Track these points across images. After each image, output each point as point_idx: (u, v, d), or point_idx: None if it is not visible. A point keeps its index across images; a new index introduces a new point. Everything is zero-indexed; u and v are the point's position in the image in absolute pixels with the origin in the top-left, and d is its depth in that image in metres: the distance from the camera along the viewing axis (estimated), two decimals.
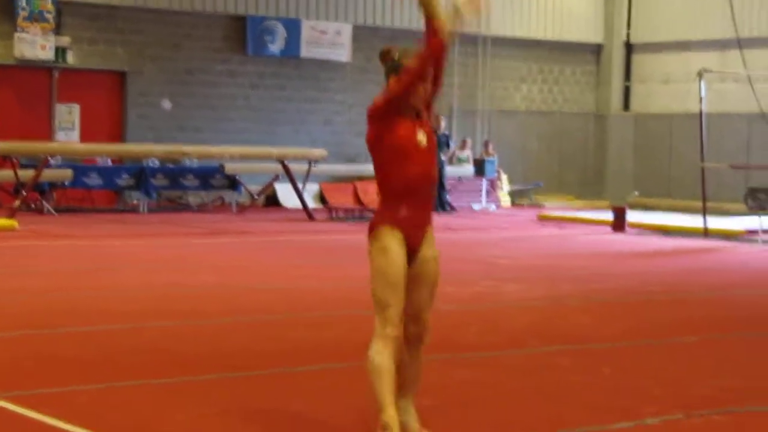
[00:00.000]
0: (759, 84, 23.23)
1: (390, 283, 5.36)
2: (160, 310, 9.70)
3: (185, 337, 8.57)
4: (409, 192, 5.40)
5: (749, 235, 18.50)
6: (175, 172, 21.61)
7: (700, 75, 19.52)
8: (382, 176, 5.42)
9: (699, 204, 19.66)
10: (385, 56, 5.48)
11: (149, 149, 21.13)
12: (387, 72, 5.45)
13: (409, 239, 5.46)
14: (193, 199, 22.75)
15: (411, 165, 5.36)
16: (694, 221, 19.75)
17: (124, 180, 20.98)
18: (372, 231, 5.43)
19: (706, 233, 18.64)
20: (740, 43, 22.62)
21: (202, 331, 8.87)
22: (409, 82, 5.33)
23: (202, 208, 22.24)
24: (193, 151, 21.12)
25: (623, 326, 9.64)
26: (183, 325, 9.06)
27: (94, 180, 20.68)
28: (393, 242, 5.39)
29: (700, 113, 19.40)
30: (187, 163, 21.96)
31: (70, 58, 22.09)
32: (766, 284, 13.03)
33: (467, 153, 25.16)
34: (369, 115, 5.39)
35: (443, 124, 23.50)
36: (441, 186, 23.28)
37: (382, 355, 5.34)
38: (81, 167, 20.69)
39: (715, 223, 19.27)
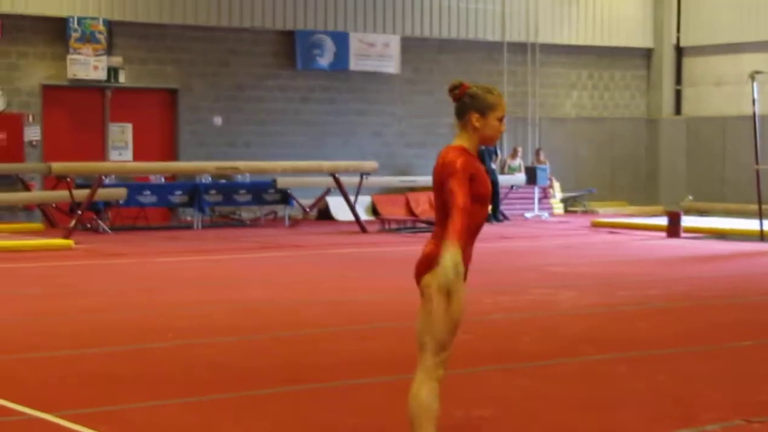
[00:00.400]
0: None
1: (456, 326, 5.27)
2: (213, 326, 9.74)
3: (238, 352, 8.60)
4: (474, 232, 5.33)
5: None
6: (227, 188, 21.72)
7: (752, 77, 19.34)
8: (454, 209, 5.13)
9: (754, 207, 19.46)
10: (455, 90, 5.26)
11: (201, 166, 21.26)
12: (467, 108, 5.22)
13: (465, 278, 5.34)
14: (246, 214, 22.86)
15: (482, 211, 5.30)
16: (749, 224, 19.55)
17: (177, 197, 21.13)
18: (438, 265, 5.14)
19: (762, 236, 18.45)
20: None
21: (255, 346, 8.89)
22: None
23: (254, 223, 22.33)
24: (245, 167, 21.21)
25: (679, 332, 9.55)
26: (235, 341, 9.08)
27: (147, 198, 20.85)
28: (462, 283, 5.24)
29: (753, 115, 19.22)
30: (239, 178, 22.07)
31: (122, 78, 22.31)
32: None
33: (518, 161, 25.09)
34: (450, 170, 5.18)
35: None
36: (495, 195, 23.21)
37: (434, 396, 5.25)
38: (135, 185, 20.87)
39: None
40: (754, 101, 19.27)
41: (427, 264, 5.28)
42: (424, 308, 5.28)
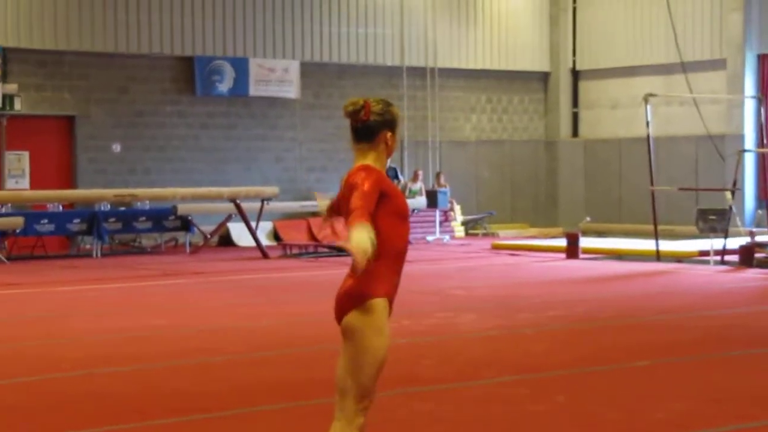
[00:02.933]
0: (704, 106, 23.52)
1: (381, 369, 4.84)
2: (111, 356, 9.61)
3: (135, 381, 8.49)
4: (401, 256, 4.93)
5: (701, 256, 18.64)
6: (127, 215, 21.50)
7: (645, 99, 19.71)
8: (380, 241, 4.70)
9: (650, 227, 19.80)
10: (361, 112, 4.89)
11: (100, 193, 21.02)
12: (377, 128, 4.88)
13: (390, 310, 4.92)
14: (146, 241, 22.63)
15: (404, 228, 4.93)
16: (646, 245, 19.89)
17: (75, 225, 20.83)
18: (365, 302, 4.84)
19: (658, 256, 18.77)
20: (684, 67, 22.92)
21: (153, 374, 8.80)
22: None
23: (155, 250, 22.12)
24: (144, 194, 21.03)
25: (578, 353, 9.66)
26: (133, 370, 8.97)
27: (45, 226, 20.52)
28: (387, 319, 4.87)
29: (648, 137, 19.58)
30: (139, 205, 21.86)
31: (18, 105, 21.96)
32: (718, 306, 13.12)
33: (419, 185, 25.22)
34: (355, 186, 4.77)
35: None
36: None
37: None
38: (32, 214, 20.53)
39: (667, 245, 19.42)
40: (647, 123, 19.63)
41: (349, 300, 4.86)
42: (346, 351, 4.87)
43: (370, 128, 4.91)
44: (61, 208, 21.32)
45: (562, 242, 20.26)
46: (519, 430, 6.81)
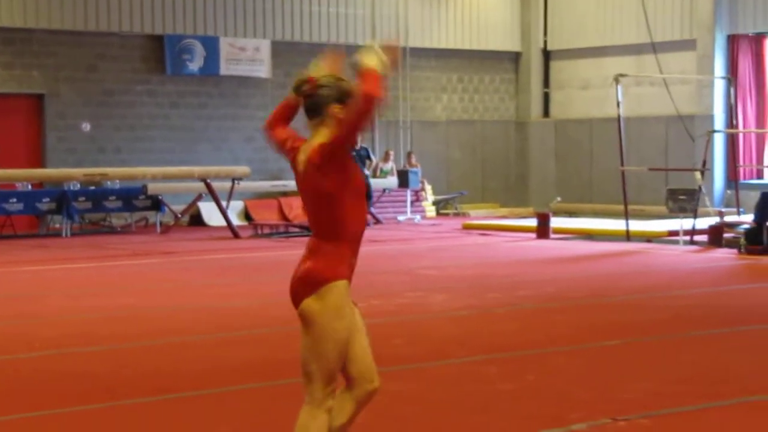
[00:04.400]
0: (674, 87, 23.61)
1: (343, 351, 4.78)
2: (82, 335, 9.59)
3: (107, 361, 8.48)
4: (359, 237, 4.86)
5: (670, 236, 18.74)
6: (97, 194, 21.39)
7: (616, 80, 19.76)
8: (338, 221, 4.76)
9: (620, 207, 19.89)
10: (305, 86, 4.92)
11: (69, 173, 20.91)
12: (324, 102, 4.84)
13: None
14: (116, 220, 22.54)
15: (362, 208, 4.86)
16: (616, 225, 19.97)
17: (45, 204, 20.71)
18: (322, 286, 4.73)
19: (628, 236, 18.86)
20: (655, 47, 22.99)
21: (125, 354, 8.78)
22: (349, 135, 4.77)
23: (125, 230, 22.04)
24: (114, 173, 20.94)
25: (548, 332, 9.71)
26: (105, 350, 8.96)
27: (14, 206, 20.39)
28: (348, 300, 4.78)
29: (618, 117, 19.64)
30: (109, 184, 21.77)
31: None
32: (687, 285, 13.20)
33: (390, 165, 25.22)
34: (320, 160, 4.75)
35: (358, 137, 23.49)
36: (368, 198, 23.29)
37: (324, 430, 4.78)
38: (0, 193, 20.41)
39: (637, 225, 19.50)
40: (618, 104, 19.69)
41: (306, 284, 4.75)
42: (307, 336, 4.75)
43: (316, 103, 4.85)
44: (30, 187, 21.19)
45: (533, 222, 20.31)
46: (489, 409, 6.85)
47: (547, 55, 28.36)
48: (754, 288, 13.02)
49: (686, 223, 18.21)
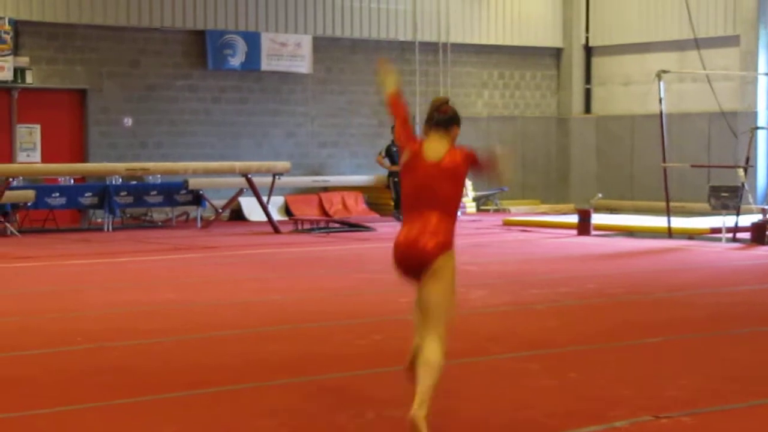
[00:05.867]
0: (717, 83, 23.41)
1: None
2: (123, 329, 9.63)
3: (148, 355, 8.51)
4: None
5: (713, 233, 18.61)
6: (138, 189, 21.50)
7: (658, 76, 19.63)
8: (457, 206, 6.43)
9: (662, 204, 19.76)
10: (443, 107, 6.58)
11: (111, 167, 21.03)
12: (452, 122, 6.54)
13: None
14: (157, 215, 22.65)
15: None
16: (658, 222, 19.85)
17: (87, 199, 20.85)
18: (448, 250, 6.26)
19: (670, 233, 18.74)
20: (698, 43, 22.80)
21: (166, 348, 8.82)
22: (480, 169, 6.57)
23: (166, 224, 22.14)
24: (155, 168, 21.03)
25: (589, 329, 9.66)
26: (146, 344, 8.99)
27: (56, 200, 20.55)
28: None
29: (660, 114, 19.51)
30: (150, 179, 21.87)
31: (30, 78, 21.96)
32: (729, 283, 13.10)
33: None
34: (474, 160, 6.47)
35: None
36: None
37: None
38: (43, 187, 20.56)
39: (679, 222, 19.38)
40: (660, 100, 19.55)
41: (441, 248, 6.20)
42: (441, 282, 6.17)
43: (449, 120, 6.49)
44: (72, 181, 21.34)
45: (574, 219, 20.23)
46: (531, 405, 6.82)
47: (588, 51, 28.21)
48: None
49: (729, 221, 18.07)
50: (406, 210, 6.36)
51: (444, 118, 6.46)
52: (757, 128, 21.80)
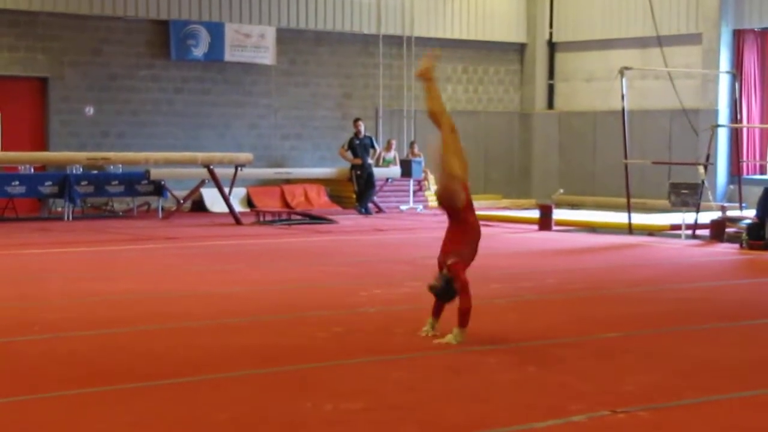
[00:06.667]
0: (679, 81, 23.56)
1: None
2: (82, 319, 9.57)
3: (106, 346, 8.47)
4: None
5: (673, 230, 18.72)
6: (99, 179, 21.38)
7: (621, 73, 19.72)
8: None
9: (623, 200, 19.86)
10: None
11: (72, 156, 20.90)
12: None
13: None
14: (118, 205, 22.54)
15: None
16: (618, 218, 19.95)
17: (47, 188, 20.71)
18: None
19: (630, 229, 18.84)
20: (660, 41, 22.93)
21: (123, 339, 8.77)
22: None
23: (127, 214, 22.03)
24: (117, 158, 20.92)
25: (549, 324, 9.70)
26: (104, 334, 8.94)
27: (16, 188, 20.39)
28: None
29: (622, 110, 19.61)
30: (112, 169, 21.75)
31: None
32: (687, 279, 13.18)
33: (393, 154, 25.19)
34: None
35: (362, 127, 23.47)
36: (371, 187, 23.27)
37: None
38: (3, 176, 20.41)
39: (640, 219, 19.49)
40: (623, 97, 19.65)
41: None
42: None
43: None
44: (32, 170, 21.19)
45: (535, 214, 20.30)
46: (489, 399, 6.84)
47: (552, 47, 28.32)
48: (755, 283, 13.01)
49: (688, 217, 18.20)
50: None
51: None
52: (718, 126, 21.96)
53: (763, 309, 10.77)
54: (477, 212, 9.38)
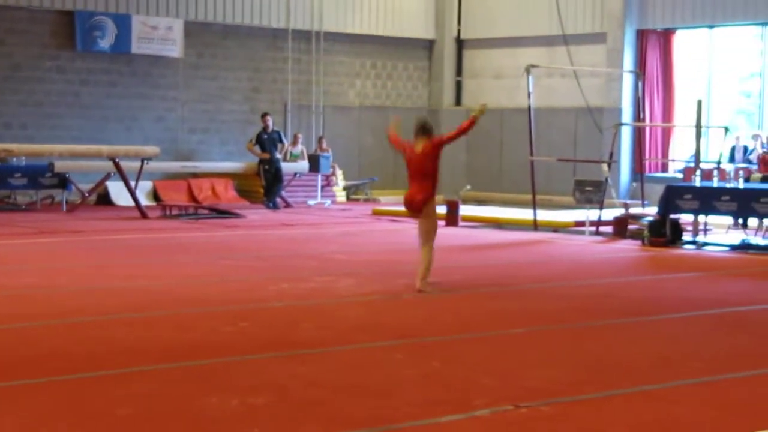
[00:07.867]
0: (584, 79, 23.89)
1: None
2: None
3: (8, 340, 8.36)
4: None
5: (577, 227, 18.97)
6: (1, 171, 21.05)
7: (527, 70, 19.93)
8: (436, 173, 11.49)
9: (529, 197, 20.08)
10: (428, 125, 11.89)
11: None
12: (429, 133, 11.76)
13: None
14: (21, 198, 22.20)
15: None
16: (524, 214, 20.16)
17: None
18: (431, 199, 11.39)
19: (536, 226, 19.06)
20: (566, 40, 23.21)
21: (28, 334, 8.67)
22: (449, 142, 11.98)
23: (31, 208, 21.72)
24: (20, 149, 20.60)
25: (453, 319, 9.79)
26: (6, 329, 8.83)
27: None
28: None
29: (529, 108, 19.82)
30: (15, 161, 21.42)
31: None
32: (592, 276, 13.38)
33: (300, 148, 25.14)
34: (439, 145, 11.72)
35: (270, 121, 23.41)
36: (278, 182, 23.21)
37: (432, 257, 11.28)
38: None
39: (545, 215, 19.72)
40: (529, 95, 19.87)
41: (426, 199, 11.37)
42: (429, 220, 11.44)
43: (426, 132, 11.67)
44: None
45: (442, 209, 20.39)
46: (393, 394, 6.89)
47: (460, 44, 28.51)
48: (656, 279, 13.24)
49: (592, 214, 18.45)
50: (409, 180, 11.53)
51: (424, 130, 11.66)
52: (621, 124, 22.30)
53: (663, 305, 10.98)
54: (385, 207, 9.52)
